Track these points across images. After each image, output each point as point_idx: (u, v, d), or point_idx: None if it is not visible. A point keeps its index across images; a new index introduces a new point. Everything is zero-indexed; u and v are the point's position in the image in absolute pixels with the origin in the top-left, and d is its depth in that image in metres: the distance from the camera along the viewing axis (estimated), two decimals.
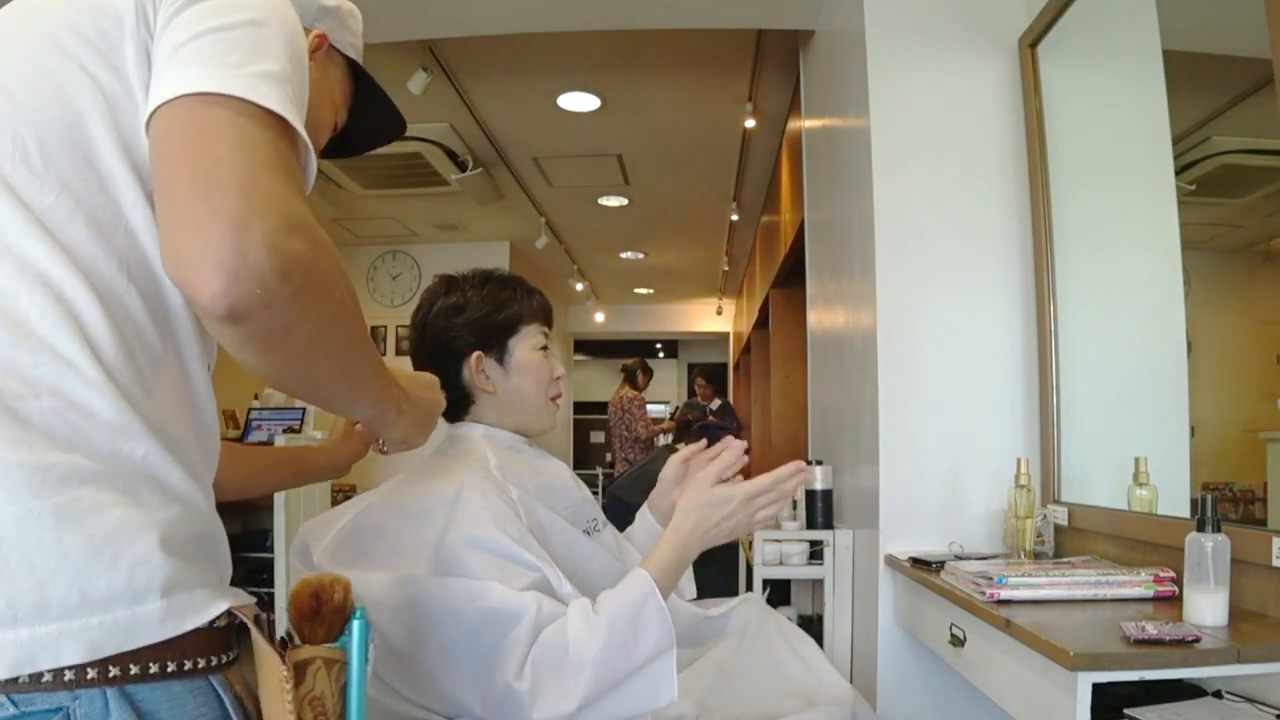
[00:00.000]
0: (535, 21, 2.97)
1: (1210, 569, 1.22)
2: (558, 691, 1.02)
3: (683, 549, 1.13)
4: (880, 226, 2.09)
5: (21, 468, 0.57)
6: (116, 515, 0.60)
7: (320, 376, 0.70)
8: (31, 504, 0.56)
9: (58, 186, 0.64)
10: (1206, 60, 1.70)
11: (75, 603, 0.57)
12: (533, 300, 1.33)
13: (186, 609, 0.62)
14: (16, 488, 0.56)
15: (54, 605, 0.56)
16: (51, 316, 0.61)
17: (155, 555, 0.61)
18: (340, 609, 0.71)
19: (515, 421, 1.32)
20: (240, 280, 0.56)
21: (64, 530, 0.57)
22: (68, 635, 0.56)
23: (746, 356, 7.40)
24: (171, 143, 0.61)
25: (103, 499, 0.59)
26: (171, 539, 0.62)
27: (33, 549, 0.56)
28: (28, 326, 0.61)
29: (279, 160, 0.62)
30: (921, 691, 2.03)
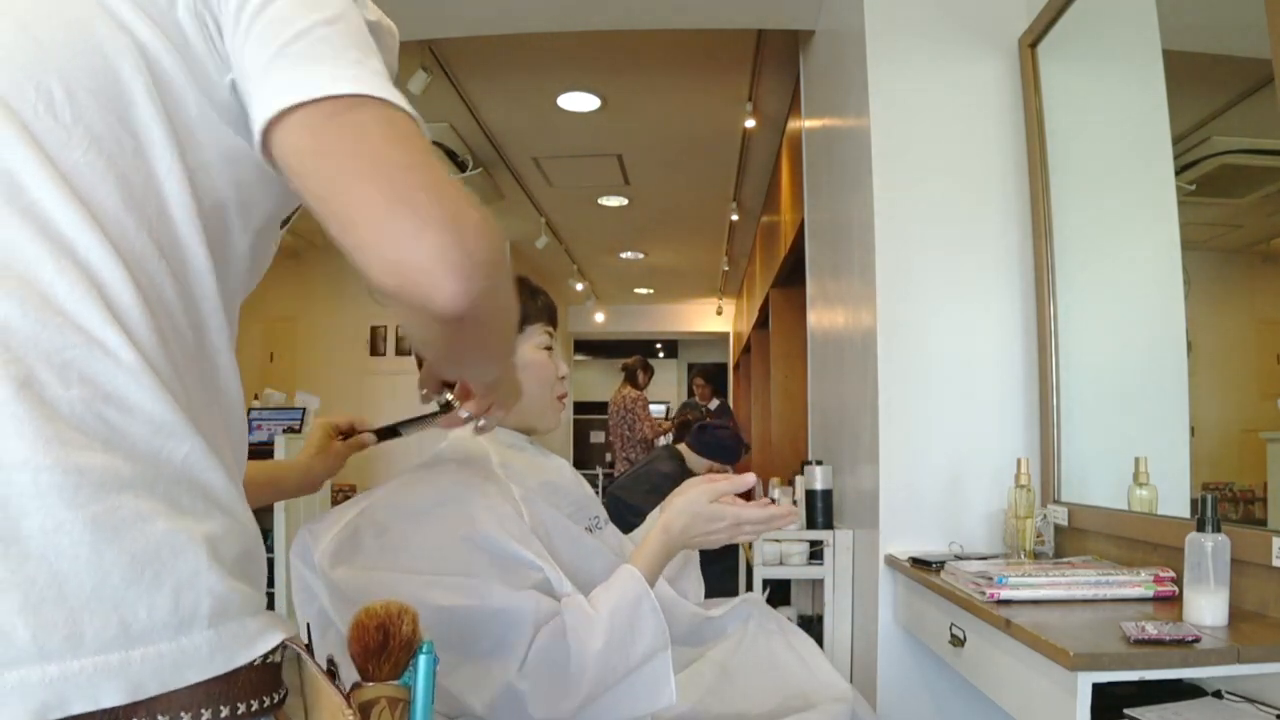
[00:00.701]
0: (535, 21, 2.97)
1: (1210, 569, 1.22)
2: (558, 690, 1.02)
3: (669, 546, 1.17)
4: (880, 226, 2.09)
5: (51, 470, 0.48)
6: (159, 528, 0.51)
7: (493, 347, 0.73)
8: (64, 515, 0.48)
9: (87, 140, 0.57)
10: (1206, 60, 1.70)
11: (113, 633, 0.48)
12: (537, 300, 1.33)
13: (237, 641, 0.54)
14: (46, 494, 0.48)
15: (89, 637, 0.47)
16: (79, 290, 0.53)
17: (202, 576, 0.53)
18: (409, 644, 0.64)
19: (518, 420, 1.32)
20: (473, 278, 0.56)
21: (101, 546, 0.49)
22: (105, 672, 0.47)
23: (746, 356, 7.40)
24: (333, 154, 0.58)
25: (143, 508, 0.51)
26: (219, 557, 0.54)
27: (65, 569, 0.48)
28: (54, 301, 0.52)
29: (433, 152, 0.61)
30: (921, 691, 2.03)
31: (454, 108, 4.12)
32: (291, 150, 0.59)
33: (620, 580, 1.11)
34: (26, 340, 0.51)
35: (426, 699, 0.64)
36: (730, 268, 7.64)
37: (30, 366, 0.50)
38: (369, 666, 0.64)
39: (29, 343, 0.51)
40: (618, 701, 1.07)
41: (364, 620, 0.64)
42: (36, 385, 0.50)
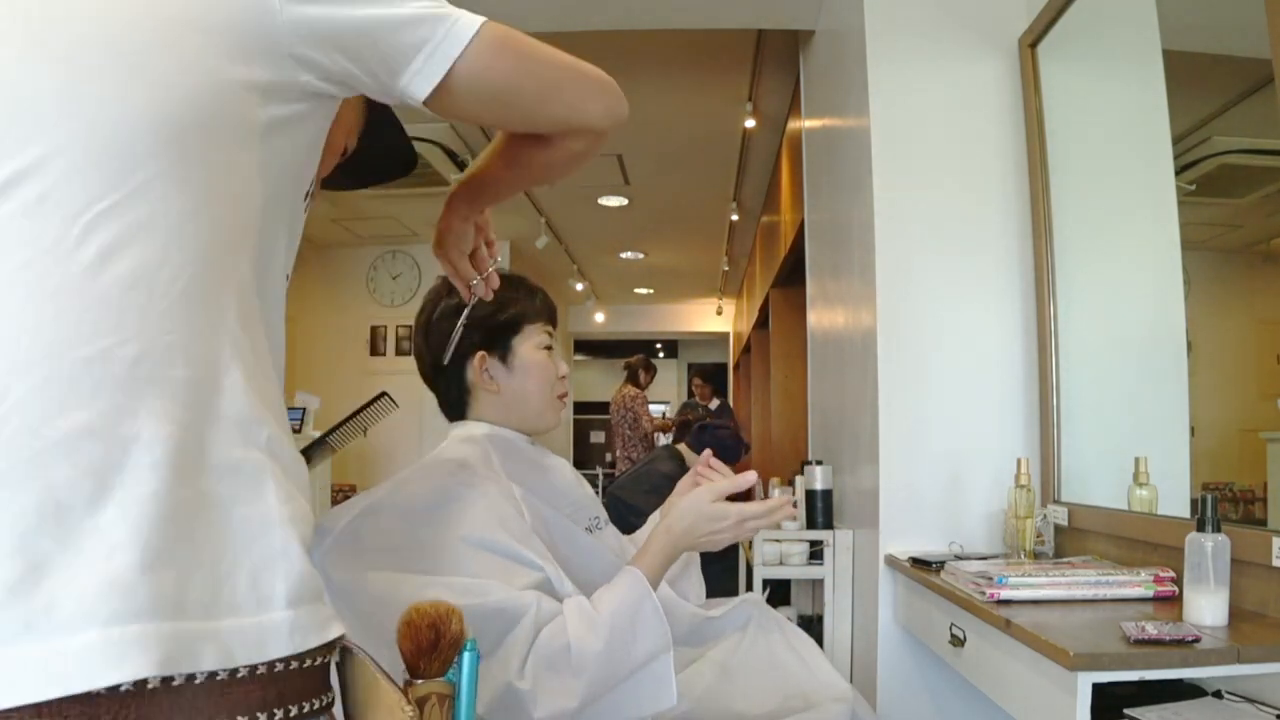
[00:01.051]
0: (535, 21, 2.97)
1: (1210, 569, 1.22)
2: (559, 690, 1.02)
3: (672, 548, 1.16)
4: (880, 226, 2.09)
5: (165, 443, 0.53)
6: (245, 509, 0.56)
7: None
8: (177, 491, 0.53)
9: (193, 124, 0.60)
10: (1206, 60, 1.70)
11: (212, 601, 0.52)
12: (536, 299, 1.33)
13: (310, 624, 0.57)
14: (159, 466, 0.52)
15: (192, 601, 0.52)
16: (184, 278, 0.57)
17: (282, 558, 0.57)
18: (457, 641, 0.68)
19: (519, 421, 1.32)
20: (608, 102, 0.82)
21: (200, 521, 0.53)
22: (204, 637, 0.52)
23: (746, 356, 7.40)
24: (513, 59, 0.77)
25: (234, 489, 0.56)
26: (294, 540, 0.58)
27: (173, 540, 0.52)
28: (158, 286, 0.56)
29: None
30: (921, 691, 2.03)
31: None
32: (472, 71, 0.73)
33: (622, 582, 1.11)
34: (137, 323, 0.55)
35: (470, 694, 0.68)
36: (730, 268, 7.64)
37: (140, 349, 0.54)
38: (420, 664, 0.66)
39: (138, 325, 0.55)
40: (619, 702, 1.07)
41: (415, 620, 0.67)
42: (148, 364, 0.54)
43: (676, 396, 12.05)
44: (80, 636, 0.48)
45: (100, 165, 0.56)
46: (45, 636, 0.48)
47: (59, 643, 0.48)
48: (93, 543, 0.50)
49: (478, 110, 0.78)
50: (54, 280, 0.53)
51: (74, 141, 0.56)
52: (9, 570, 0.48)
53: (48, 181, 0.55)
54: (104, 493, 0.51)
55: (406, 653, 0.67)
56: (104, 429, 0.52)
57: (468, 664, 0.68)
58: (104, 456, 0.51)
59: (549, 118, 0.80)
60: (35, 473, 0.50)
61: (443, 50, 0.70)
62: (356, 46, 0.67)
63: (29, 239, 0.54)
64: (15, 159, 0.55)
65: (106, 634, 0.48)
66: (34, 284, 0.53)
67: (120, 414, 0.52)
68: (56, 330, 0.52)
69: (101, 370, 0.53)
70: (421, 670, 0.66)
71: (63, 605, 0.48)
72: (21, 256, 0.53)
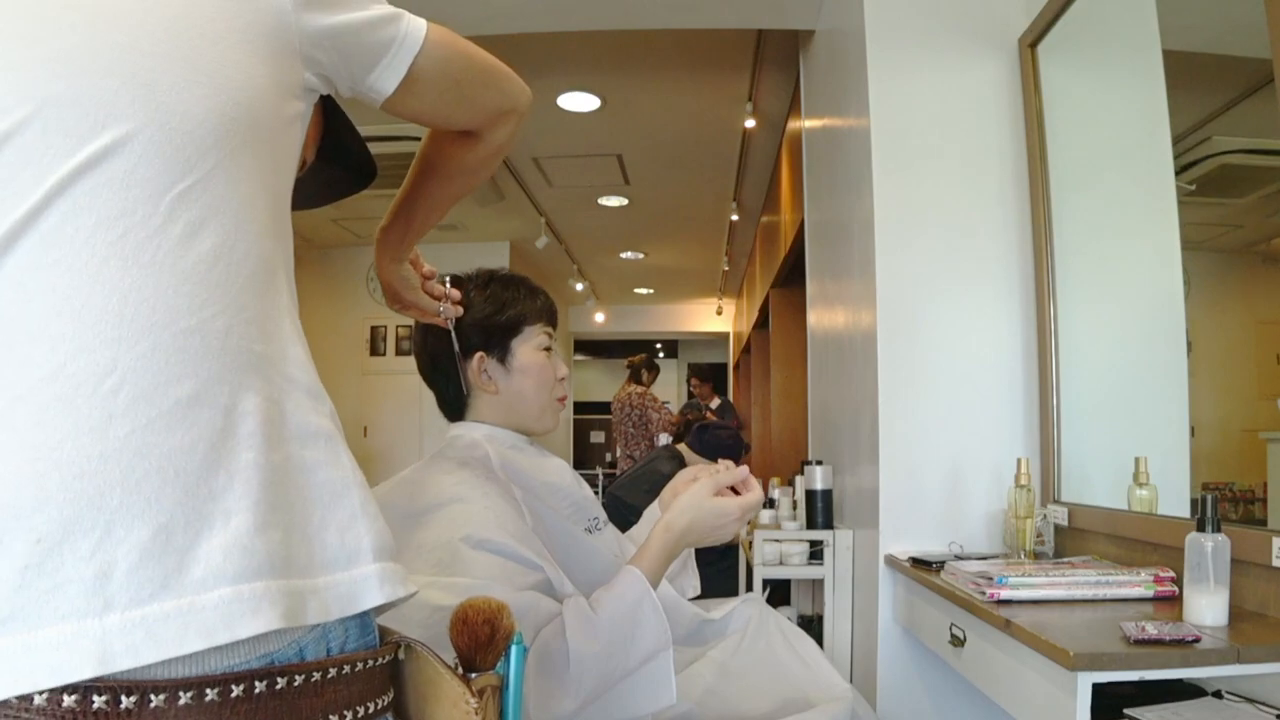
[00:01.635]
0: (535, 21, 2.97)
1: (1210, 569, 1.22)
2: (557, 691, 1.02)
3: (672, 546, 1.16)
4: (880, 226, 2.09)
5: (257, 411, 0.57)
6: (328, 471, 0.60)
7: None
8: (271, 456, 0.56)
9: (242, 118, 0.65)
10: (1206, 60, 1.70)
11: (304, 559, 0.56)
12: (536, 301, 1.33)
13: (396, 577, 0.62)
14: (256, 434, 0.56)
15: (295, 561, 0.55)
16: (253, 259, 0.61)
17: (364, 515, 0.61)
18: (509, 635, 0.71)
19: (517, 422, 1.32)
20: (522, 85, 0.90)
21: (292, 484, 0.57)
22: (309, 592, 0.55)
23: (746, 356, 7.40)
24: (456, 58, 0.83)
25: (316, 454, 0.60)
26: (371, 500, 0.62)
27: (275, 503, 0.55)
28: (234, 266, 0.60)
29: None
30: (921, 691, 2.03)
31: None
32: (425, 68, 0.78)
33: (622, 581, 1.11)
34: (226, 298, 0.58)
35: (518, 685, 0.71)
36: (730, 268, 7.64)
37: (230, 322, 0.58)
38: (476, 658, 0.69)
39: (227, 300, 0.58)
40: (618, 701, 1.07)
41: (471, 616, 0.70)
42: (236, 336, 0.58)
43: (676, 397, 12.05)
44: (215, 593, 0.51)
45: (177, 148, 0.58)
46: (182, 593, 0.50)
47: (197, 598, 0.50)
48: (210, 506, 0.53)
49: (432, 101, 0.82)
50: (149, 254, 0.56)
51: (150, 124, 0.58)
52: (140, 532, 0.50)
53: (132, 159, 0.57)
54: (216, 458, 0.54)
55: (463, 647, 0.69)
56: (208, 398, 0.55)
57: (515, 657, 0.71)
58: (209, 424, 0.54)
59: (490, 105, 0.87)
60: (153, 439, 0.52)
61: (406, 46, 0.76)
62: (346, 46, 0.72)
63: (122, 212, 0.56)
64: (100, 136, 0.56)
65: (237, 590, 0.51)
66: (130, 257, 0.55)
67: (219, 383, 0.56)
68: (157, 302, 0.55)
69: (200, 342, 0.56)
70: (477, 664, 0.69)
71: (194, 565, 0.51)
72: (118, 229, 0.55)
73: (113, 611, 0.48)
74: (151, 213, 0.56)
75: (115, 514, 0.50)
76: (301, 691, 0.54)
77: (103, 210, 0.55)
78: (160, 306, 0.55)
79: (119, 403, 0.52)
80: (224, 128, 0.61)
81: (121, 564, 0.49)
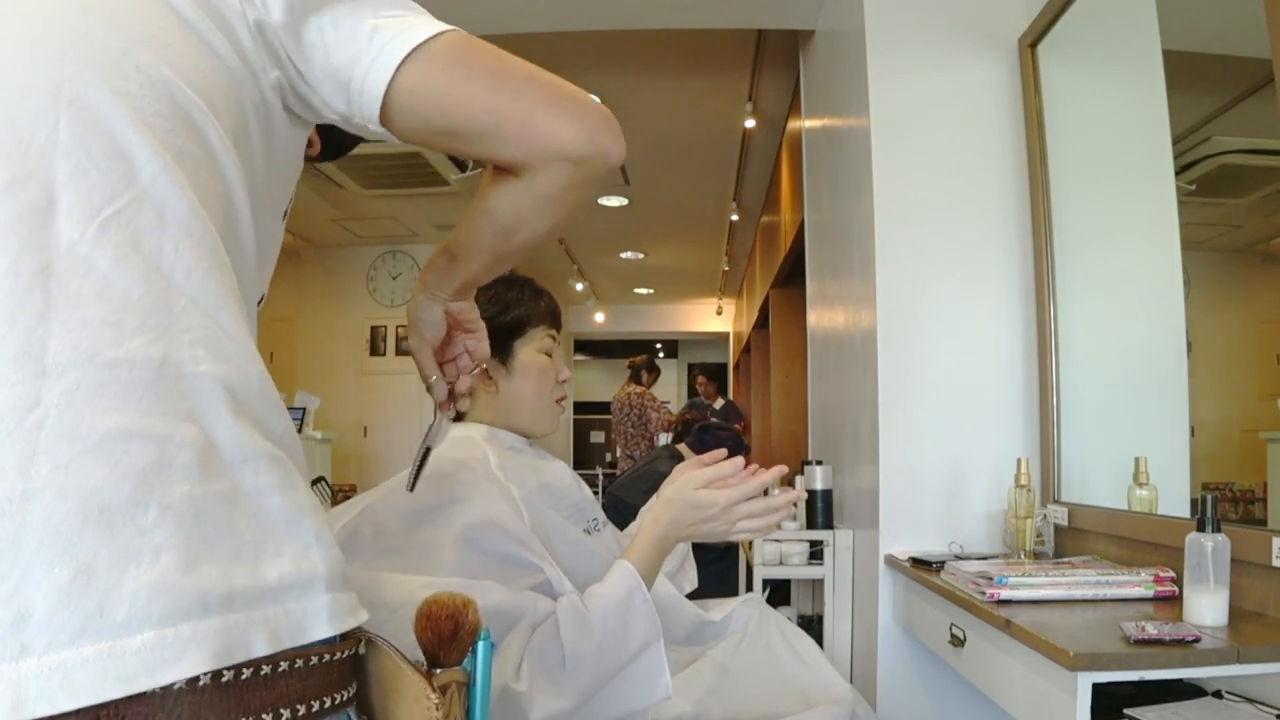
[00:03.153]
0: (535, 21, 2.97)
1: (1210, 569, 1.22)
2: (554, 691, 1.02)
3: (661, 540, 1.15)
4: (880, 226, 2.09)
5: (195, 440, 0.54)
6: (280, 498, 0.57)
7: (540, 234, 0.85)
8: (211, 485, 0.54)
9: (187, 129, 0.60)
10: (1206, 60, 1.70)
11: (252, 591, 0.53)
12: (540, 302, 1.32)
13: (346, 608, 0.59)
14: (192, 464, 0.53)
15: (237, 595, 0.52)
16: (199, 275, 0.57)
17: (317, 544, 0.58)
18: (474, 631, 0.69)
19: (517, 423, 1.32)
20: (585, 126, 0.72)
21: (238, 513, 0.54)
22: (253, 626, 0.53)
23: (746, 356, 7.41)
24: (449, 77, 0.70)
25: (267, 480, 0.57)
26: (324, 526, 0.60)
27: (214, 534, 0.53)
28: (175, 285, 0.56)
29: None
30: (921, 691, 2.03)
31: None
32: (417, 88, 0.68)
33: (613, 576, 1.11)
34: (160, 323, 0.55)
35: (485, 682, 0.69)
36: (730, 268, 7.64)
37: (166, 349, 0.54)
38: (439, 653, 0.68)
39: (159, 329, 0.55)
40: (614, 697, 1.07)
41: (435, 611, 0.68)
42: (174, 363, 0.54)
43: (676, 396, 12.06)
44: (138, 637, 0.49)
45: (105, 168, 0.56)
46: (101, 637, 0.48)
47: (117, 643, 0.48)
48: (138, 544, 0.50)
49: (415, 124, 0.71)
50: (75, 283, 0.53)
51: (75, 144, 0.55)
52: (59, 574, 0.48)
53: (57, 184, 0.54)
54: (145, 493, 0.51)
55: (427, 643, 0.68)
56: (140, 429, 0.52)
57: (482, 653, 0.70)
58: (139, 456, 0.52)
59: (508, 138, 0.71)
60: (75, 477, 0.50)
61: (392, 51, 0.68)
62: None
63: (41, 244, 0.53)
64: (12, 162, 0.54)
65: (162, 633, 0.49)
66: (55, 288, 0.53)
67: (153, 414, 0.53)
68: (82, 333, 0.52)
69: (130, 373, 0.53)
70: (441, 660, 0.68)
71: (117, 607, 0.49)
72: (42, 259, 0.53)
73: (29, 656, 0.46)
74: (78, 240, 0.54)
75: (34, 555, 0.48)
76: (250, 685, 0.52)
77: (20, 243, 0.53)
78: (85, 338, 0.52)
79: (42, 440, 0.50)
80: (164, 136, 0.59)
81: (40, 607, 0.47)
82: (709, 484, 1.17)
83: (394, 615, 1.06)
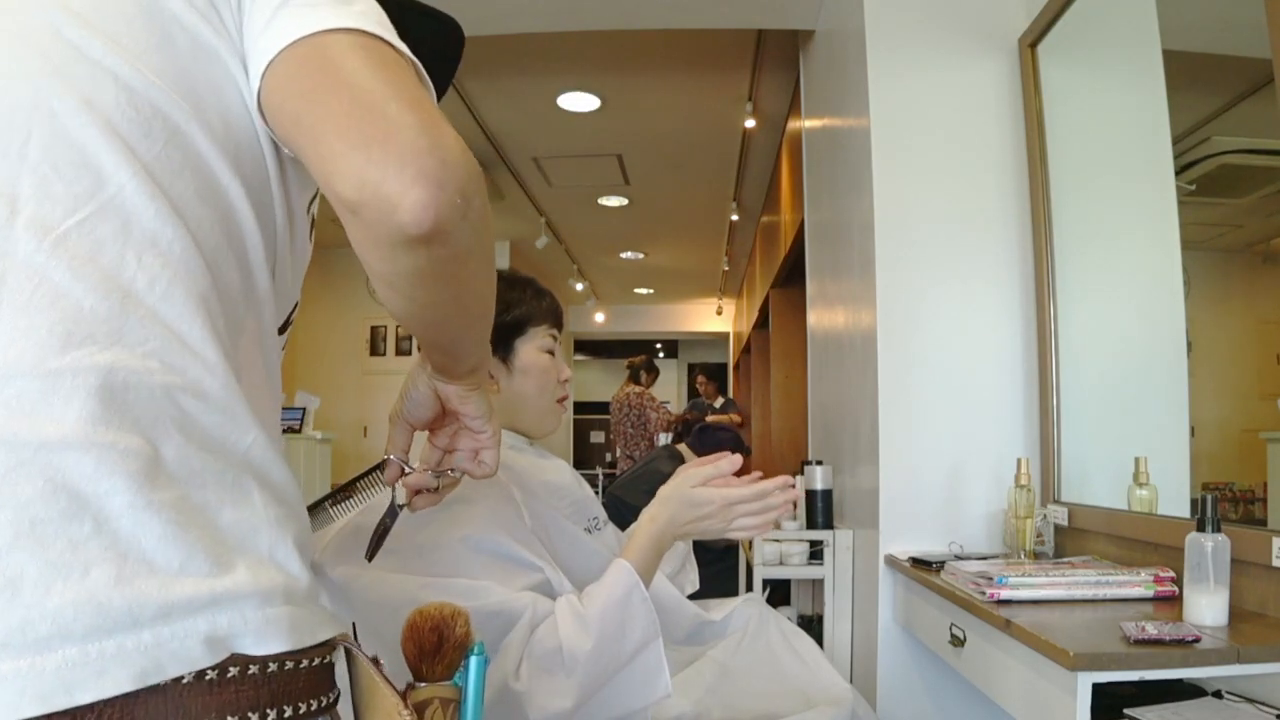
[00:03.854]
0: (535, 21, 2.97)
1: (1210, 569, 1.22)
2: (553, 691, 1.02)
3: (658, 538, 1.15)
4: (880, 226, 2.09)
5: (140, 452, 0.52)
6: (231, 513, 0.55)
7: (472, 310, 0.68)
8: (155, 496, 0.52)
9: (165, 134, 0.58)
10: (1206, 60, 1.70)
11: (195, 603, 0.51)
12: (542, 302, 1.32)
13: (304, 624, 0.56)
14: (136, 475, 0.51)
15: (177, 607, 0.50)
16: (161, 285, 0.55)
17: (270, 559, 0.56)
18: (462, 645, 0.66)
19: (519, 422, 1.32)
20: (445, 187, 0.53)
21: (187, 525, 0.52)
22: (191, 637, 0.51)
23: (746, 356, 7.41)
24: (307, 81, 0.58)
25: (218, 494, 0.55)
26: (284, 542, 0.57)
27: (155, 548, 0.51)
28: (134, 295, 0.54)
29: (416, 77, 0.60)
30: (921, 691, 2.03)
31: (454, 108, 4.12)
32: (270, 92, 0.59)
33: (611, 576, 1.11)
34: (109, 336, 0.53)
35: (478, 699, 0.65)
36: (730, 268, 7.64)
37: (111, 358, 0.52)
38: (423, 667, 0.65)
39: (111, 338, 0.53)
40: (614, 696, 1.07)
41: (419, 622, 0.66)
42: (120, 375, 0.52)
43: (676, 396, 12.06)
44: (58, 653, 0.47)
45: (70, 179, 0.55)
46: (22, 654, 0.47)
47: (37, 660, 0.47)
48: (68, 558, 0.49)
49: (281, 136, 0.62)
50: (25, 295, 0.52)
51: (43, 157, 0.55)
52: None
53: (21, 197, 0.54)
54: (80, 505, 0.50)
55: (409, 655, 0.66)
56: (77, 439, 0.51)
57: (474, 668, 0.66)
58: (75, 467, 0.50)
59: (310, 169, 0.59)
60: (9, 488, 0.49)
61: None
62: None
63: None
64: None
65: (84, 650, 0.48)
66: (5, 299, 0.52)
67: (93, 423, 0.51)
68: (26, 343, 0.51)
69: (73, 381, 0.51)
70: (425, 674, 0.65)
71: (39, 622, 0.47)
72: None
73: None
74: (34, 250, 0.53)
75: None
76: (191, 690, 0.51)
77: None
78: (31, 347, 0.51)
79: None
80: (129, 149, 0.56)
81: None
82: (707, 481, 1.16)
83: (394, 615, 1.06)
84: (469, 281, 0.64)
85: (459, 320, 0.70)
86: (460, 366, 0.81)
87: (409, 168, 0.53)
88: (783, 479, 1.18)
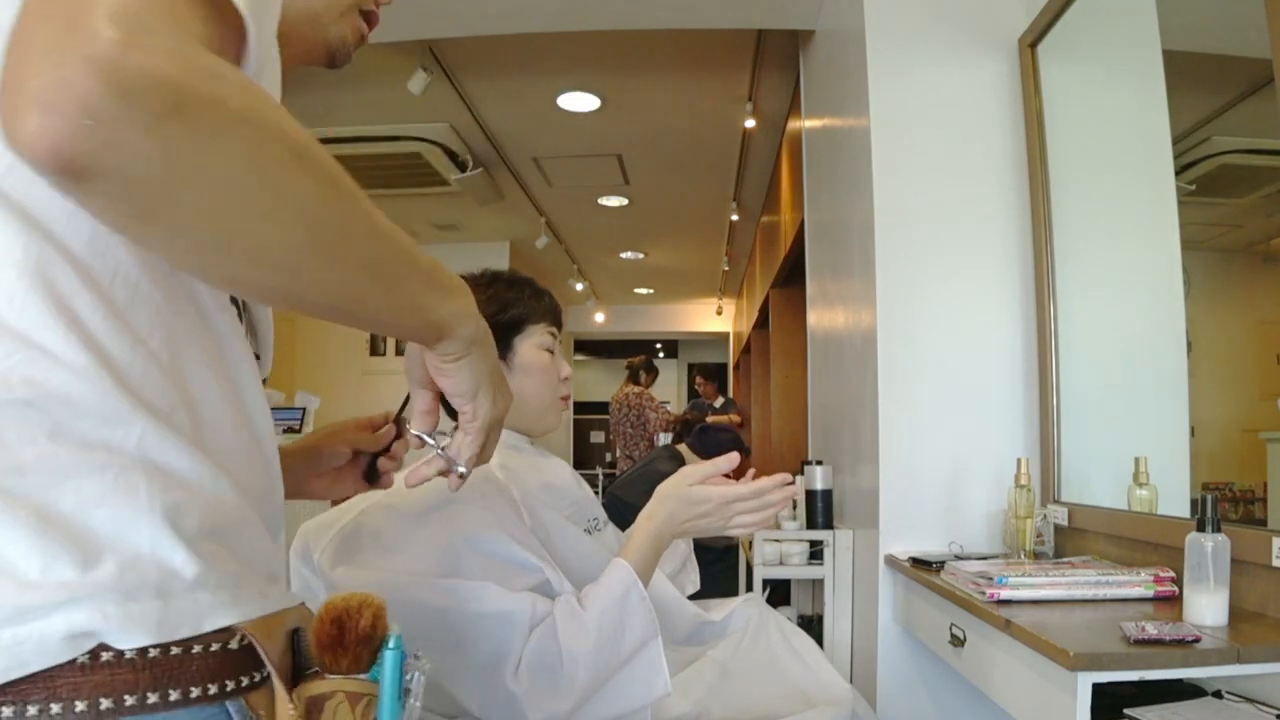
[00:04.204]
0: (535, 21, 2.97)
1: (1210, 569, 1.22)
2: (552, 691, 1.02)
3: (656, 536, 1.15)
4: (880, 226, 2.09)
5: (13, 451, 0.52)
6: (104, 513, 0.54)
7: (280, 257, 0.54)
8: (15, 511, 0.52)
9: None
10: (1206, 60, 1.70)
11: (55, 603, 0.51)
12: (541, 301, 1.32)
13: (183, 614, 0.55)
14: (10, 473, 0.52)
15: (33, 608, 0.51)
16: (19, 299, 0.53)
17: (151, 553, 0.55)
18: (367, 637, 0.63)
19: (520, 421, 1.32)
20: (55, 106, 0.40)
21: (40, 536, 0.52)
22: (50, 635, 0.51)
23: (746, 356, 7.40)
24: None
25: (87, 494, 0.54)
26: (163, 534, 0.55)
27: (10, 555, 0.51)
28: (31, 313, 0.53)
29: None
30: (921, 691, 2.03)
31: (454, 107, 4.12)
32: None
33: (609, 575, 1.11)
34: None
35: (394, 694, 0.63)
36: (730, 268, 7.64)
37: None
38: (325, 659, 0.62)
39: None
40: (614, 696, 1.07)
41: (321, 613, 0.63)
42: None
43: (676, 396, 12.06)
44: None
45: None
46: None
47: None
48: None
49: None
50: None
51: None
52: None
53: None
54: None
55: (312, 647, 0.63)
56: None
57: (389, 661, 0.63)
58: None
59: None
60: None
61: None
62: None
63: None
64: None
65: None
66: None
67: None
68: None
69: None
70: (329, 666, 0.62)
71: None
72: None
73: None
74: None
75: None
76: (61, 671, 0.51)
77: None
78: None
79: None
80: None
81: None
82: (705, 480, 1.16)
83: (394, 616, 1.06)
84: (228, 223, 0.50)
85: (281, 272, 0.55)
86: (402, 332, 0.69)
87: (23, 90, 0.41)
88: (781, 476, 1.18)
